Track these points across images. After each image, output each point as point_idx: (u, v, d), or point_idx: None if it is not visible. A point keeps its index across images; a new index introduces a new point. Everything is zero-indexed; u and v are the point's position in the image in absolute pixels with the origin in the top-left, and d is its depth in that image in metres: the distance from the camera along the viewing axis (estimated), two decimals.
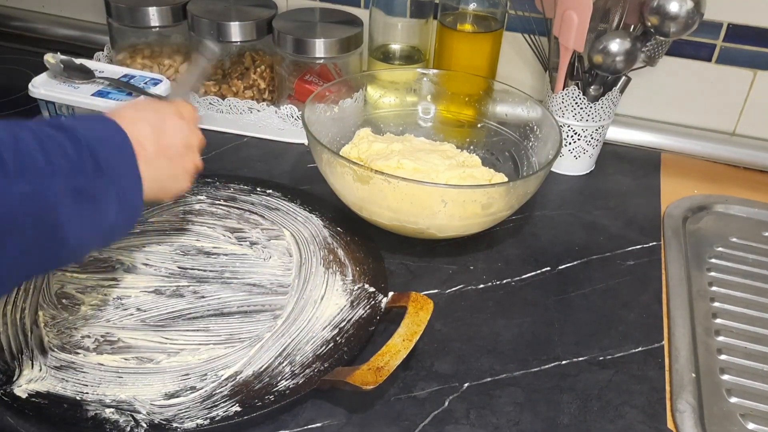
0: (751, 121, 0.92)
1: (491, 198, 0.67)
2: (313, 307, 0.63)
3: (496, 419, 0.55)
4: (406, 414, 0.55)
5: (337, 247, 0.71)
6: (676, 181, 0.88)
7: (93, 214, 0.45)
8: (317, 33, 0.88)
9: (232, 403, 0.53)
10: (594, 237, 0.77)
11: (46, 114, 0.84)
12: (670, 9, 0.74)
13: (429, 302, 0.60)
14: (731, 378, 0.62)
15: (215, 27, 0.89)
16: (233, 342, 0.59)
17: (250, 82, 0.94)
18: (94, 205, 0.45)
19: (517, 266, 0.72)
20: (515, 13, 0.90)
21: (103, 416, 0.52)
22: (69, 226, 0.43)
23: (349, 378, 0.53)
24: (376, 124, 0.86)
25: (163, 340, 0.59)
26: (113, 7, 0.92)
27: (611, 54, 0.77)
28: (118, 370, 0.56)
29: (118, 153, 0.48)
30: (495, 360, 0.61)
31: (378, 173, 0.65)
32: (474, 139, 0.85)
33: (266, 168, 0.84)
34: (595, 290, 0.69)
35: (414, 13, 0.92)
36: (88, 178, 0.44)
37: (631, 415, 0.57)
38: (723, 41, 0.88)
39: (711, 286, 0.72)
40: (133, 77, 0.85)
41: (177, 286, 0.64)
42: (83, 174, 0.44)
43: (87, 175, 0.44)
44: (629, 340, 0.64)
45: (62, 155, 0.43)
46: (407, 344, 0.56)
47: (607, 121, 0.85)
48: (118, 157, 0.48)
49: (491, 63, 0.90)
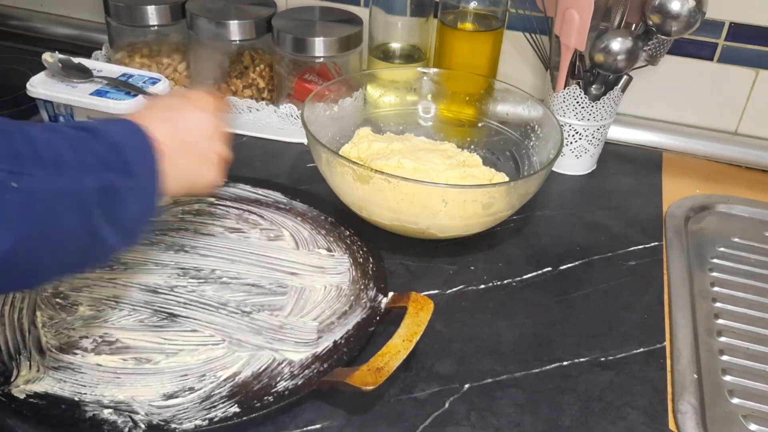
0: (753, 120, 0.91)
1: (492, 198, 0.67)
2: (312, 306, 0.63)
3: (496, 420, 0.55)
4: (406, 415, 0.55)
5: (336, 246, 0.70)
6: (678, 180, 0.87)
7: (122, 212, 0.46)
8: (317, 32, 0.87)
9: (231, 404, 0.53)
10: (595, 237, 0.76)
11: (44, 113, 0.84)
12: (671, 8, 0.73)
13: (429, 302, 0.60)
14: (733, 379, 0.62)
15: (214, 25, 0.88)
16: (232, 343, 0.59)
17: (249, 81, 0.93)
18: (123, 204, 0.46)
19: (518, 266, 0.71)
20: (516, 11, 0.90)
21: (101, 417, 0.51)
22: (100, 222, 0.44)
23: (349, 379, 0.52)
24: (376, 124, 0.85)
25: (162, 341, 0.58)
26: (112, 5, 0.92)
27: (613, 53, 0.77)
28: (116, 370, 0.55)
29: (142, 154, 0.48)
30: (496, 361, 0.60)
31: (378, 173, 0.64)
32: (475, 139, 0.85)
33: (265, 167, 0.84)
34: (597, 290, 0.69)
35: (414, 11, 0.92)
36: (117, 176, 0.45)
37: (633, 416, 0.56)
38: (725, 40, 0.87)
39: (713, 286, 0.72)
40: (131, 76, 0.85)
41: (175, 286, 0.64)
42: (114, 172, 0.45)
43: (117, 174, 0.45)
44: (631, 341, 0.63)
45: (91, 154, 0.44)
46: (407, 344, 0.55)
47: (608, 121, 0.84)
48: (141, 158, 0.48)
49: (492, 62, 0.90)
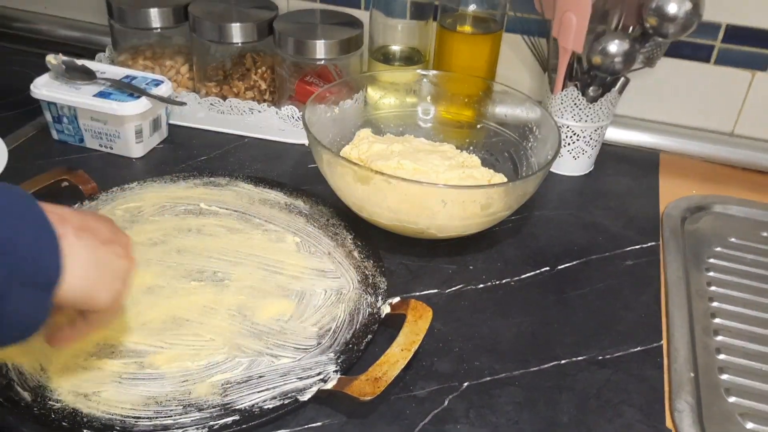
0: (750, 121, 0.92)
1: (491, 198, 0.67)
2: (313, 311, 0.63)
3: (495, 418, 0.56)
4: (405, 413, 0.55)
5: (337, 247, 0.71)
6: (675, 181, 0.88)
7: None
8: (318, 34, 0.88)
9: (231, 412, 0.53)
10: (593, 237, 0.77)
11: (48, 115, 0.85)
12: (668, 10, 0.74)
13: (428, 310, 0.60)
14: (730, 377, 0.62)
15: (216, 28, 0.89)
16: (232, 347, 0.59)
17: (251, 83, 0.94)
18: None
19: (516, 266, 0.72)
20: (515, 14, 0.91)
21: (103, 421, 0.52)
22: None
23: (347, 389, 0.53)
24: (377, 125, 0.86)
25: (163, 344, 0.58)
26: (115, 8, 0.92)
27: (610, 55, 0.77)
28: (118, 374, 0.56)
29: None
30: (494, 359, 0.61)
31: (378, 173, 0.65)
32: (473, 140, 0.85)
33: (267, 168, 0.85)
34: (594, 290, 0.70)
35: (414, 14, 0.92)
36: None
37: (630, 415, 0.57)
38: (721, 42, 0.88)
39: (710, 285, 0.73)
40: (134, 78, 0.85)
41: (176, 288, 0.64)
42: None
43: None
44: (628, 340, 0.64)
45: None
46: (406, 354, 0.56)
47: (605, 122, 0.85)
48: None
49: (491, 64, 0.90)
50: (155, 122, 0.86)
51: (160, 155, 0.87)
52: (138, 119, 0.82)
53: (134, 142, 0.84)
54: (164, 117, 0.88)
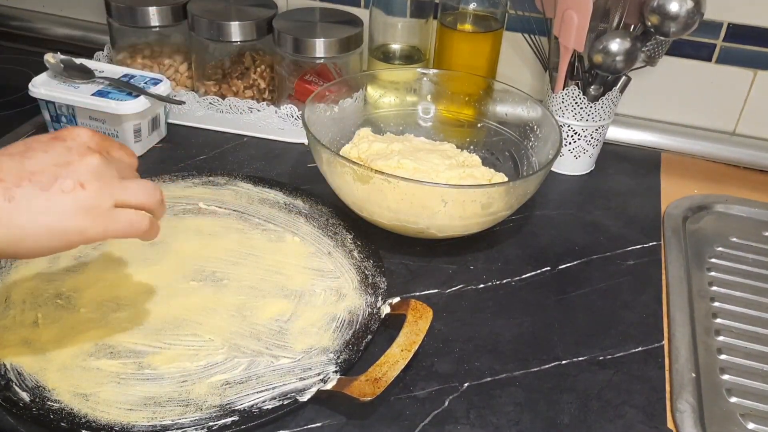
0: (751, 120, 0.92)
1: (491, 198, 0.67)
2: (312, 311, 0.63)
3: (496, 419, 0.55)
4: (406, 414, 0.55)
5: (336, 247, 0.71)
6: (676, 180, 0.88)
7: None
8: (317, 33, 0.88)
9: (230, 413, 0.53)
10: (594, 237, 0.77)
11: (46, 114, 0.84)
12: (670, 9, 0.74)
13: (428, 311, 0.60)
14: (731, 378, 0.62)
15: (215, 27, 0.89)
16: (232, 348, 0.59)
17: (250, 82, 0.94)
18: None
19: (517, 266, 0.72)
20: (515, 12, 0.90)
21: (101, 421, 0.52)
22: None
23: (347, 389, 0.53)
24: (376, 124, 0.86)
25: (162, 345, 0.58)
26: (113, 6, 0.92)
27: (611, 54, 0.77)
28: (117, 374, 0.55)
29: None
30: (495, 360, 0.61)
31: (378, 173, 0.65)
32: (474, 139, 0.85)
33: (266, 168, 0.85)
34: (595, 290, 0.69)
35: (414, 12, 0.92)
36: None
37: (631, 415, 0.57)
38: (723, 41, 0.88)
39: (711, 285, 0.73)
40: (133, 77, 0.85)
41: (175, 288, 0.64)
42: None
43: None
44: (629, 340, 0.64)
45: None
46: (406, 354, 0.56)
47: (607, 121, 0.85)
48: None
49: (491, 63, 0.90)
50: (154, 121, 0.86)
51: (158, 154, 0.86)
52: (136, 118, 0.82)
53: (133, 141, 0.84)
54: (163, 116, 0.88)
